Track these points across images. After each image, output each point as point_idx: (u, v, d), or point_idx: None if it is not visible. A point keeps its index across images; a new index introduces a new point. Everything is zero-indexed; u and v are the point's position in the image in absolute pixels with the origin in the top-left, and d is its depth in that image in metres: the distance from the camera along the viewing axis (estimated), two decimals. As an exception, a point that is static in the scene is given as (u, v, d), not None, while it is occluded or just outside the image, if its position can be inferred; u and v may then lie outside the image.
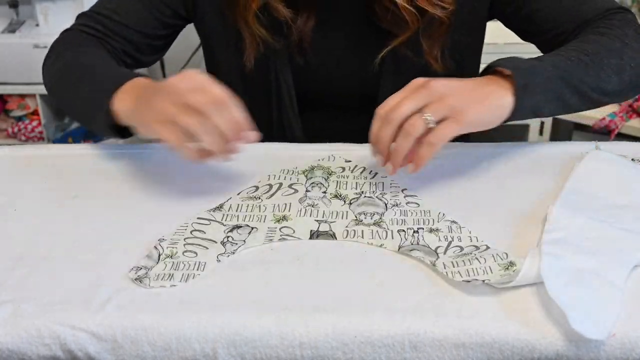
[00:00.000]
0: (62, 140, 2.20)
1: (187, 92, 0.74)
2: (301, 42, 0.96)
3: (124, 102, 0.81)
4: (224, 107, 0.74)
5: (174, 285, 0.66)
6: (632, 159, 0.85)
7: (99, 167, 0.86)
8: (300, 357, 0.61)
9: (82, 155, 0.90)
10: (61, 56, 0.94)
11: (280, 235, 0.74)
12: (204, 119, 0.73)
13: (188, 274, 0.68)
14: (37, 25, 2.12)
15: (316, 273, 0.68)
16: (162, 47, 1.03)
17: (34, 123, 2.20)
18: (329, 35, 0.98)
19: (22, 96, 2.20)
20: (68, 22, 1.00)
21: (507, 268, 0.66)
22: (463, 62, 1.00)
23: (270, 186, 0.82)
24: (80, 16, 1.01)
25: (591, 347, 0.60)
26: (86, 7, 1.83)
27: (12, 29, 2.15)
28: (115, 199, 0.80)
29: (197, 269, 0.68)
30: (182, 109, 0.73)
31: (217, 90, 0.74)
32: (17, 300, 0.65)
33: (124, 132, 0.84)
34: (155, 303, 0.64)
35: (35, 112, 2.19)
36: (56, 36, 0.99)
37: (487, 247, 0.70)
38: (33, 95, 2.17)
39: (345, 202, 0.79)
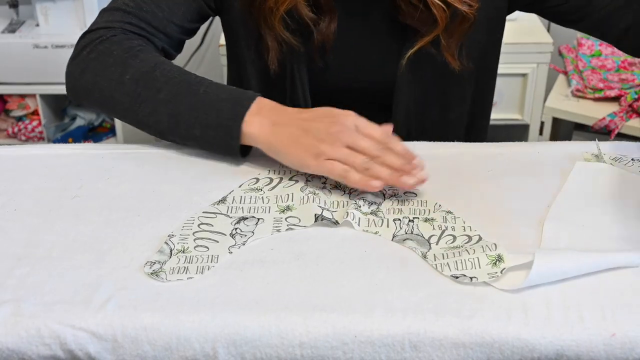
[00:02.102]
0: (62, 140, 2.19)
1: (349, 136, 0.77)
2: (322, 45, 0.96)
3: (256, 127, 0.82)
4: (389, 145, 0.78)
5: (191, 278, 0.67)
6: (632, 159, 0.85)
7: (99, 167, 0.86)
8: (300, 356, 0.61)
9: (82, 155, 0.90)
10: (126, 64, 0.87)
11: (287, 225, 0.75)
12: (372, 160, 0.77)
13: (203, 267, 0.68)
14: (37, 25, 2.11)
15: (316, 273, 0.68)
16: (185, 42, 1.00)
17: (34, 123, 2.20)
18: (350, 37, 0.97)
19: (22, 96, 2.19)
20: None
21: (495, 263, 0.66)
22: (482, 61, 1.00)
23: (271, 179, 0.83)
24: (115, 11, 0.92)
25: (591, 346, 0.60)
26: (86, 7, 1.83)
27: (12, 29, 2.15)
28: (115, 199, 0.80)
29: (211, 262, 0.69)
30: (348, 151, 0.77)
31: (378, 132, 0.78)
32: (17, 300, 0.65)
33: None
34: (155, 303, 0.64)
35: (35, 112, 2.19)
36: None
37: (480, 239, 0.71)
38: (33, 95, 2.16)
39: (345, 192, 0.80)
